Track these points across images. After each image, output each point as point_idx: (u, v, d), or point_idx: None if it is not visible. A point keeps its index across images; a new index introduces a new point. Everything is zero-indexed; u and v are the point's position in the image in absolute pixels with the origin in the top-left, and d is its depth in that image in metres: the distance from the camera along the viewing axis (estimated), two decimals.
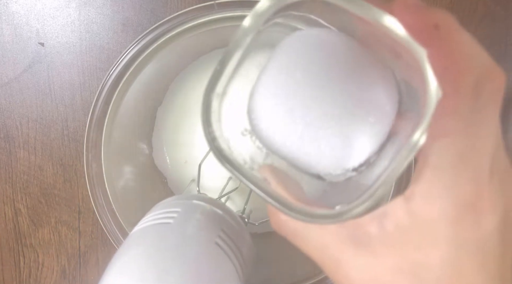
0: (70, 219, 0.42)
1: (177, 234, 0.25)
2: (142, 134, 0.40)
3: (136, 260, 0.23)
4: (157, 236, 0.25)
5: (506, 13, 0.39)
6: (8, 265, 0.43)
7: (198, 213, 0.27)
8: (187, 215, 0.27)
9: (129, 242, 0.25)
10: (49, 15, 0.40)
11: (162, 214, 0.27)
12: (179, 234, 0.25)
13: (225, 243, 0.25)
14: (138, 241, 0.25)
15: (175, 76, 0.39)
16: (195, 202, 0.29)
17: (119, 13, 0.39)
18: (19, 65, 0.40)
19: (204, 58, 0.39)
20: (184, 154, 0.40)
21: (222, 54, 0.15)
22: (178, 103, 0.39)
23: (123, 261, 0.23)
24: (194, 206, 0.28)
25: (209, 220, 0.27)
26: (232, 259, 0.25)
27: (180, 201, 0.29)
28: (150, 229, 0.26)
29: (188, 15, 0.31)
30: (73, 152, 0.41)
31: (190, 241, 0.24)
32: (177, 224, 0.26)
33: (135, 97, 0.35)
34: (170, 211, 0.27)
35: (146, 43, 0.32)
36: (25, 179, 0.42)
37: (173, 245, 0.24)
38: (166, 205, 0.28)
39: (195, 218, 0.27)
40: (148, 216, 0.27)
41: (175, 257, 0.23)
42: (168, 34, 0.32)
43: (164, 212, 0.27)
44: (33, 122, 0.41)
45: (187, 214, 0.27)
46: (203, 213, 0.27)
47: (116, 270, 0.23)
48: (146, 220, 0.27)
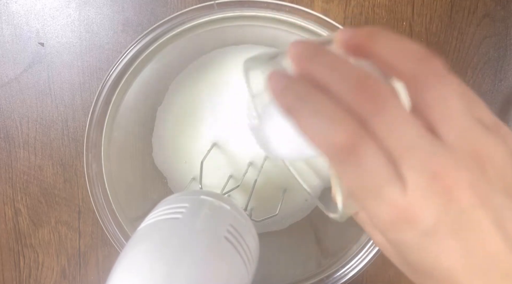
0: (70, 219, 0.42)
1: (186, 229, 0.24)
2: (142, 134, 0.40)
3: (145, 255, 0.23)
4: (166, 230, 0.24)
5: (506, 13, 0.39)
6: (8, 265, 0.43)
7: (207, 208, 0.27)
8: (196, 210, 0.26)
9: (137, 237, 0.25)
10: (49, 15, 0.40)
11: (170, 210, 0.26)
12: (188, 229, 0.24)
13: (234, 238, 0.25)
14: (147, 236, 0.25)
15: (175, 76, 0.39)
16: (202, 197, 0.28)
17: (119, 13, 0.39)
18: (19, 65, 0.40)
19: (204, 58, 0.39)
20: (184, 154, 0.40)
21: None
22: (178, 103, 0.39)
23: (132, 255, 0.23)
24: (202, 201, 0.28)
25: (217, 215, 0.27)
26: (241, 254, 0.25)
27: (187, 196, 0.28)
28: (158, 224, 0.25)
29: (188, 15, 0.31)
30: (73, 152, 0.41)
31: (200, 235, 0.24)
32: (186, 218, 0.25)
33: (135, 97, 0.35)
34: (177, 206, 0.27)
35: (146, 43, 0.32)
36: (25, 179, 0.42)
37: (183, 239, 0.23)
38: (173, 200, 0.28)
39: (204, 212, 0.26)
40: (155, 212, 0.27)
41: (185, 251, 0.23)
42: (168, 34, 0.32)
43: (171, 208, 0.26)
44: (33, 122, 0.41)
45: (195, 209, 0.26)
46: (211, 207, 0.27)
47: (125, 265, 0.23)
48: (153, 215, 0.26)
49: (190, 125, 0.39)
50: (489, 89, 0.39)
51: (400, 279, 0.41)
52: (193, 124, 0.39)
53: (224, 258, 0.24)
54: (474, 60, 0.39)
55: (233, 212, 0.28)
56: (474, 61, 0.39)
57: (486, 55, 0.39)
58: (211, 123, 0.39)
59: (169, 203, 0.28)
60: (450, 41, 0.39)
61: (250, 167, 0.39)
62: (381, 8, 0.39)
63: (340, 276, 0.33)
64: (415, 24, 0.39)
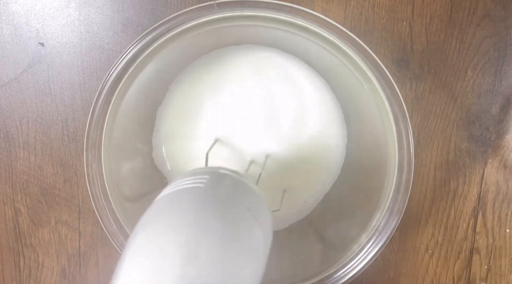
0: (70, 219, 0.42)
1: (211, 196, 0.23)
2: (142, 134, 0.40)
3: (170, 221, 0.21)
4: (189, 199, 0.23)
5: (506, 13, 0.39)
6: (8, 265, 0.43)
7: (227, 180, 0.26)
8: (217, 181, 0.26)
9: (158, 205, 0.23)
10: (49, 15, 0.40)
11: (190, 180, 0.25)
12: (213, 196, 0.24)
13: (254, 212, 0.24)
14: (170, 203, 0.23)
15: (175, 76, 0.39)
16: (222, 171, 0.28)
17: (119, 13, 0.39)
18: (19, 65, 0.40)
19: (204, 58, 0.39)
20: (184, 154, 0.40)
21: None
22: (178, 103, 0.39)
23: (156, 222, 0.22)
24: (221, 174, 0.27)
25: (238, 187, 0.26)
26: (261, 229, 0.24)
27: (205, 169, 0.28)
28: (180, 193, 0.24)
29: (188, 15, 0.31)
30: (73, 152, 0.41)
31: (225, 203, 0.23)
32: (209, 188, 0.24)
33: (135, 97, 0.35)
34: (197, 177, 0.25)
35: (146, 43, 0.32)
36: (25, 179, 0.42)
37: (208, 206, 0.22)
38: (189, 174, 0.27)
39: (226, 183, 0.26)
40: (173, 184, 0.25)
41: (210, 219, 0.21)
42: (168, 34, 0.32)
43: (191, 179, 0.25)
44: (33, 122, 0.41)
45: (216, 180, 0.26)
46: (232, 180, 0.27)
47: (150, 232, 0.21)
48: (171, 187, 0.25)
49: (190, 125, 0.39)
50: (489, 89, 0.39)
51: (400, 279, 0.41)
52: (193, 124, 0.39)
53: (248, 228, 0.23)
54: (474, 60, 0.39)
55: (252, 187, 0.28)
56: (474, 61, 0.39)
57: (486, 55, 0.39)
58: (211, 123, 0.39)
59: (185, 176, 0.26)
60: (450, 41, 0.39)
61: (252, 165, 0.39)
62: (381, 8, 0.39)
63: (340, 276, 0.33)
64: (415, 24, 0.39)
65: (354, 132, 0.39)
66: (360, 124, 0.38)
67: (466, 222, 0.41)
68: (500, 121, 0.40)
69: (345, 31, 0.30)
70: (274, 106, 0.38)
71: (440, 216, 0.41)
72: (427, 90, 0.40)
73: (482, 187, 0.41)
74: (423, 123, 0.40)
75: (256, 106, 0.38)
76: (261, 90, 0.38)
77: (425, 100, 0.40)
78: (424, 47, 0.39)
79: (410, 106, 0.40)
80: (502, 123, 0.40)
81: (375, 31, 0.39)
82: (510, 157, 0.40)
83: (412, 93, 0.40)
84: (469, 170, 0.41)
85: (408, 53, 0.39)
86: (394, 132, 0.31)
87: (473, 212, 0.41)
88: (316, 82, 0.38)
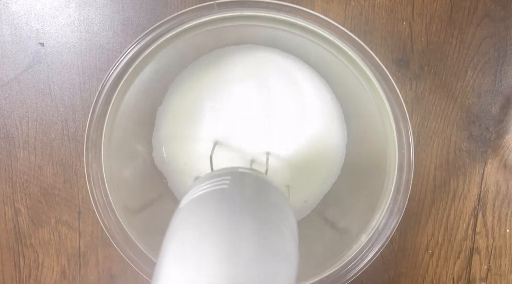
0: (70, 219, 0.42)
1: (239, 197, 0.23)
2: (142, 134, 0.40)
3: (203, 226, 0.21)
4: (216, 200, 0.23)
5: (506, 13, 0.39)
6: (8, 265, 0.43)
7: (250, 179, 0.26)
8: (240, 181, 0.26)
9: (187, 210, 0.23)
10: (49, 15, 0.40)
11: (212, 183, 0.25)
12: (241, 197, 0.23)
13: (279, 209, 0.24)
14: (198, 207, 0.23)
15: (175, 76, 0.39)
16: (242, 170, 0.27)
17: (119, 13, 0.39)
18: (19, 65, 0.40)
19: (204, 58, 0.39)
20: (184, 154, 0.40)
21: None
22: (178, 103, 0.39)
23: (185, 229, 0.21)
24: (243, 173, 0.27)
25: (261, 185, 0.26)
26: (287, 228, 0.24)
27: (224, 171, 0.27)
28: (205, 196, 0.24)
29: (188, 15, 0.31)
30: (73, 152, 0.41)
31: (252, 202, 0.23)
32: (234, 188, 0.24)
33: (135, 97, 0.35)
34: (219, 179, 0.25)
35: (146, 43, 0.32)
36: (25, 179, 0.42)
37: (236, 206, 0.22)
38: (209, 177, 0.26)
39: (249, 182, 0.26)
40: (193, 190, 0.25)
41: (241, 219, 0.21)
42: (168, 34, 0.32)
43: (213, 181, 0.25)
44: (33, 122, 0.41)
45: (239, 180, 0.26)
46: (254, 179, 0.27)
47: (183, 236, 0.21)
48: (193, 192, 0.25)
49: (190, 125, 0.39)
50: (489, 89, 0.39)
51: (400, 279, 0.41)
52: (193, 124, 0.39)
53: (276, 227, 0.23)
54: (474, 60, 0.39)
55: (272, 183, 0.27)
56: (474, 61, 0.39)
57: (486, 55, 0.39)
58: (211, 123, 0.39)
59: (206, 179, 0.26)
60: (450, 41, 0.39)
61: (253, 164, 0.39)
62: (381, 8, 0.39)
63: (340, 276, 0.33)
64: (415, 24, 0.39)
65: (354, 132, 0.39)
66: (360, 124, 0.38)
67: (466, 222, 0.41)
68: (500, 121, 0.40)
69: (345, 31, 0.30)
70: (274, 106, 0.38)
71: (440, 216, 0.41)
72: (427, 90, 0.40)
73: (482, 187, 0.41)
74: (423, 123, 0.40)
75: (256, 106, 0.38)
76: (261, 90, 0.38)
77: (425, 100, 0.40)
78: (424, 47, 0.39)
79: (410, 106, 0.40)
80: (502, 123, 0.40)
81: (375, 31, 0.39)
82: (510, 157, 0.40)
83: (412, 93, 0.40)
84: (469, 170, 0.41)
85: (408, 53, 0.39)
86: (394, 132, 0.31)
87: (473, 212, 0.41)
88: (316, 82, 0.38)
